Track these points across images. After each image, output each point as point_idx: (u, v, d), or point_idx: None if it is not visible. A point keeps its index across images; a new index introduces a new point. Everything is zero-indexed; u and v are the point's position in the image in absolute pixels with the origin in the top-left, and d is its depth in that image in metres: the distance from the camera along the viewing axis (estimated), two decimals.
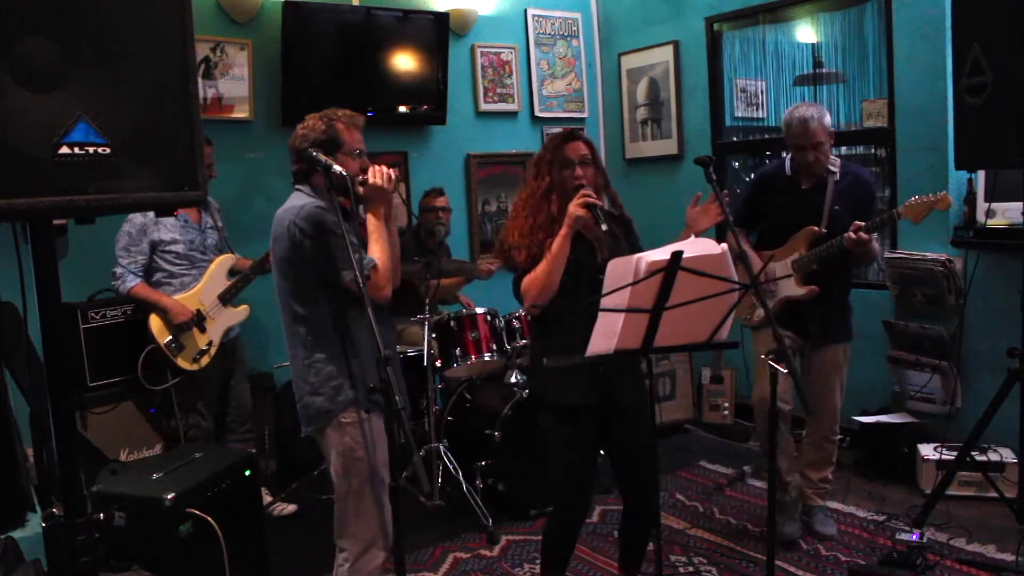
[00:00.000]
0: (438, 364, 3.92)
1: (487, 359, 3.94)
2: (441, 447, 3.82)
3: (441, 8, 4.97)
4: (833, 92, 4.67)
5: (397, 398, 2.11)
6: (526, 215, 2.57)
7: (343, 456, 2.42)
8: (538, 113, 5.51)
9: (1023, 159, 2.85)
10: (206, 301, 3.65)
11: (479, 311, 3.99)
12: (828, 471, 3.49)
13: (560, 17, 5.61)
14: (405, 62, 4.82)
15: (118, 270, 3.55)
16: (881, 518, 3.52)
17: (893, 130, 4.15)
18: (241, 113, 4.40)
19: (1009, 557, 3.09)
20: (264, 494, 3.80)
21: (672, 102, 5.33)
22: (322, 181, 2.41)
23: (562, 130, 2.73)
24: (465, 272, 4.33)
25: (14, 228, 1.67)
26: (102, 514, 1.56)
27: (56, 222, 1.50)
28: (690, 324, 2.14)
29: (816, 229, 3.23)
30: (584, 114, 5.73)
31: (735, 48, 5.10)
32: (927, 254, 3.93)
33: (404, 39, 4.78)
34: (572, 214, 2.40)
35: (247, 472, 2.92)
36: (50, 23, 1.33)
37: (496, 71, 5.34)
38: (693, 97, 5.23)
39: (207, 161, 3.69)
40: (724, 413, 4.91)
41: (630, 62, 5.60)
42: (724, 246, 2.13)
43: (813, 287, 3.25)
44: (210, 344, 3.64)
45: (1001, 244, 3.67)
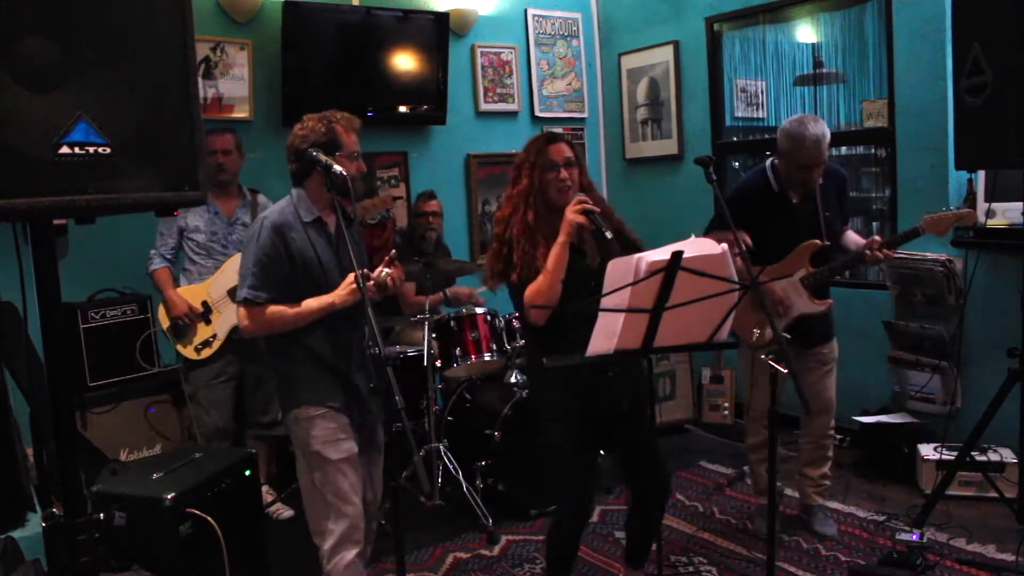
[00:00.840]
0: (438, 364, 3.92)
1: (487, 359, 3.94)
2: (441, 447, 3.82)
3: (441, 8, 4.97)
4: (833, 92, 4.67)
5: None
6: (508, 225, 2.55)
7: (301, 450, 2.50)
8: (538, 113, 5.51)
9: (1023, 159, 2.86)
10: (215, 294, 3.69)
11: (479, 311, 3.99)
12: (826, 467, 3.50)
13: (560, 17, 5.61)
14: (405, 62, 4.82)
15: (152, 251, 3.73)
16: (881, 518, 3.52)
17: (893, 130, 4.15)
18: (241, 113, 4.39)
19: (1009, 557, 3.09)
20: (266, 492, 3.80)
21: (672, 102, 5.33)
22: (320, 181, 2.44)
23: (543, 132, 2.70)
24: (460, 297, 4.36)
25: (14, 228, 1.67)
26: (102, 514, 1.56)
27: (56, 222, 1.50)
28: (690, 324, 2.14)
29: (818, 243, 3.20)
30: (584, 114, 5.73)
31: (735, 48, 5.09)
32: (927, 254, 3.93)
33: (404, 39, 4.78)
34: (570, 221, 2.39)
35: (247, 472, 2.92)
36: (50, 23, 1.33)
37: (496, 71, 5.34)
38: (693, 97, 5.23)
39: (213, 148, 3.72)
40: (724, 413, 4.90)
41: (630, 62, 5.60)
42: (724, 246, 2.13)
43: (829, 301, 3.28)
44: (214, 336, 3.67)
45: (1001, 244, 3.67)
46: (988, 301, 3.73)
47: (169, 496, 2.52)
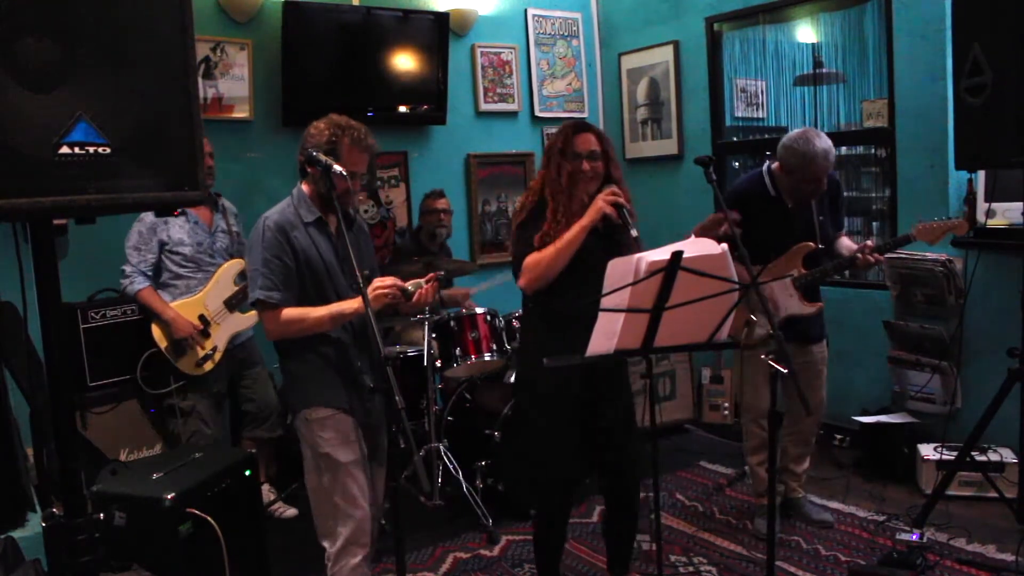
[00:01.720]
0: (438, 364, 3.92)
1: (487, 359, 3.94)
2: (441, 447, 3.82)
3: (441, 8, 4.97)
4: (833, 92, 4.67)
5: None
6: (532, 205, 2.59)
7: (310, 451, 2.49)
8: (538, 113, 5.51)
9: (1023, 159, 2.86)
10: (211, 306, 3.63)
11: (479, 311, 3.99)
12: (807, 462, 3.61)
13: (560, 17, 5.61)
14: (405, 62, 4.82)
15: (127, 268, 3.52)
16: (881, 518, 3.52)
17: (893, 130, 4.15)
18: (241, 113, 4.39)
19: (1009, 557, 3.09)
20: (267, 491, 3.80)
21: (672, 102, 5.33)
22: (317, 179, 2.43)
23: (574, 121, 2.69)
24: (455, 298, 4.37)
25: (14, 228, 1.67)
26: (102, 514, 1.56)
27: (56, 222, 1.50)
28: (690, 324, 2.14)
29: (812, 245, 3.25)
30: (584, 114, 5.73)
31: (735, 48, 5.09)
32: (927, 254, 3.93)
33: (404, 39, 4.78)
34: (598, 207, 2.39)
35: (247, 472, 2.92)
36: (50, 23, 1.33)
37: (496, 71, 5.34)
38: (693, 97, 5.23)
39: (211, 149, 3.66)
40: (724, 413, 4.91)
41: (630, 62, 5.60)
42: (724, 246, 2.13)
43: (819, 303, 3.33)
44: (214, 350, 3.62)
45: (1001, 244, 3.67)
46: (988, 301, 3.73)
47: (169, 496, 2.53)
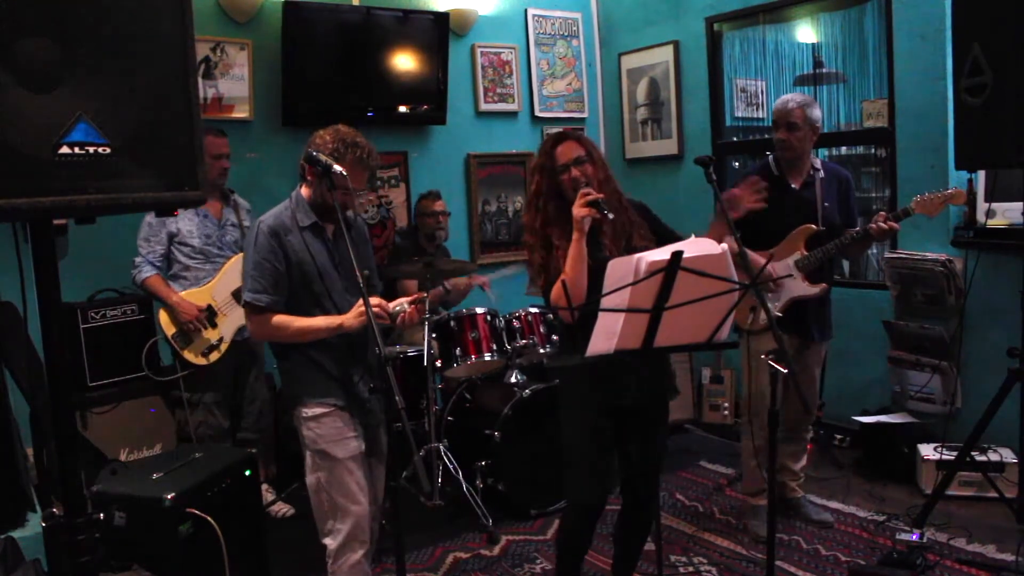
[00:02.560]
0: (438, 364, 3.92)
1: (487, 359, 3.94)
2: (441, 447, 3.82)
3: (441, 8, 4.97)
4: (833, 92, 4.67)
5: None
6: (531, 231, 2.58)
7: (309, 450, 2.50)
8: (538, 113, 5.51)
9: (1023, 159, 2.86)
10: (219, 297, 3.68)
11: (479, 311, 3.99)
12: (804, 459, 3.63)
13: (560, 17, 5.61)
14: (405, 62, 4.81)
15: (137, 259, 3.64)
16: (881, 518, 3.52)
17: (893, 130, 4.15)
18: (241, 113, 4.39)
19: (1009, 557, 3.09)
20: (266, 491, 3.80)
21: (672, 102, 5.33)
22: (317, 180, 2.43)
23: (553, 133, 2.69)
24: (459, 287, 4.37)
25: (14, 228, 1.67)
26: (102, 514, 1.55)
27: (56, 222, 1.50)
28: (690, 324, 2.14)
29: (814, 227, 3.28)
30: (584, 114, 5.73)
31: (735, 48, 5.09)
32: (927, 254, 3.93)
33: (404, 39, 4.78)
34: (578, 217, 2.40)
35: (247, 472, 2.92)
36: (50, 23, 1.32)
37: (496, 71, 5.34)
38: (693, 97, 5.23)
39: (222, 152, 3.72)
40: (724, 413, 4.90)
41: (630, 62, 5.60)
42: (724, 246, 2.13)
43: (824, 285, 3.31)
44: (220, 340, 3.67)
45: (1001, 244, 3.67)
46: (988, 301, 3.73)
47: (169, 496, 2.53)
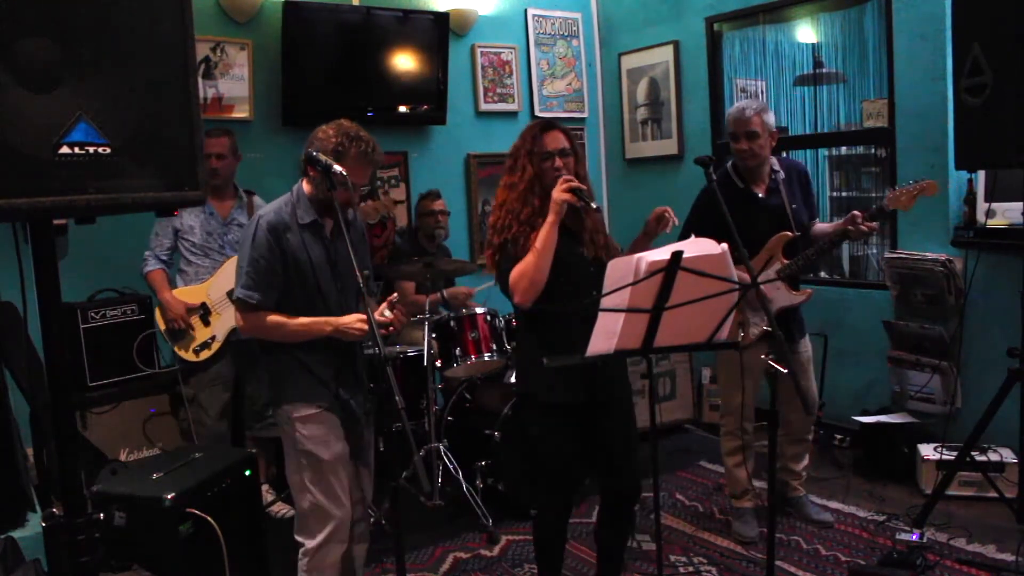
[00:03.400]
0: (438, 364, 3.92)
1: (487, 359, 3.94)
2: (441, 447, 3.82)
3: (441, 8, 4.97)
4: (833, 92, 4.67)
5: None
6: (507, 212, 2.54)
7: (294, 450, 2.49)
8: (538, 113, 5.50)
9: (1023, 159, 2.86)
10: (214, 296, 3.68)
11: (479, 311, 3.99)
12: (807, 459, 3.61)
13: (560, 17, 5.61)
14: (405, 62, 4.81)
15: (147, 252, 3.72)
16: (881, 518, 3.52)
17: (893, 130, 4.15)
18: (241, 113, 4.39)
19: (1009, 557, 3.09)
20: (266, 491, 3.80)
21: (672, 102, 5.33)
22: (317, 179, 2.42)
23: (539, 120, 2.69)
24: (457, 297, 4.35)
25: (14, 228, 1.67)
26: (102, 514, 1.56)
27: (56, 222, 1.50)
28: (690, 324, 2.14)
29: (789, 235, 3.27)
30: (584, 114, 5.74)
31: (735, 48, 5.09)
32: (927, 254, 3.93)
33: (404, 39, 4.78)
34: (557, 200, 2.39)
35: (247, 472, 2.92)
36: (50, 23, 1.33)
37: (496, 71, 5.34)
38: (693, 97, 5.23)
39: (211, 151, 3.69)
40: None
41: (630, 62, 5.60)
42: (724, 246, 2.13)
43: (808, 291, 3.34)
44: (213, 338, 3.66)
45: (1001, 244, 3.67)
46: (988, 301, 3.73)
47: (169, 496, 2.53)
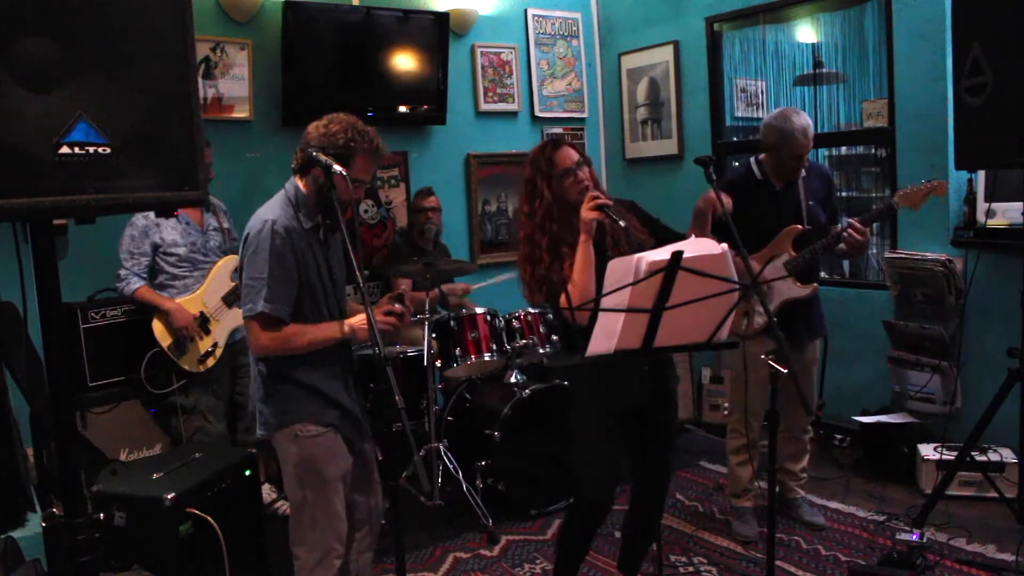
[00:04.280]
0: (438, 364, 3.92)
1: (487, 359, 3.94)
2: (441, 447, 3.82)
3: (441, 8, 4.97)
4: (833, 92, 4.67)
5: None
6: (534, 246, 2.53)
7: (297, 467, 2.42)
8: (538, 113, 5.50)
9: (1023, 159, 2.85)
10: (209, 303, 3.65)
11: (479, 311, 3.99)
12: (805, 460, 3.61)
13: (560, 17, 5.61)
14: (405, 62, 4.81)
15: (122, 272, 3.56)
16: (881, 518, 3.52)
17: (893, 130, 4.15)
18: (241, 113, 4.39)
19: (1009, 557, 3.09)
20: (267, 491, 3.80)
21: (672, 102, 5.33)
22: (317, 180, 2.37)
23: (544, 142, 2.68)
24: (455, 294, 4.36)
25: (14, 228, 1.67)
26: (102, 514, 1.56)
27: (56, 222, 1.50)
28: (690, 324, 2.14)
29: (799, 228, 3.28)
30: (584, 114, 5.73)
31: (735, 48, 5.09)
32: (927, 254, 3.93)
33: (404, 39, 4.78)
34: (586, 219, 2.40)
35: (247, 472, 2.92)
36: (50, 23, 1.33)
37: (496, 71, 5.34)
38: (693, 97, 5.23)
39: (211, 160, 3.69)
40: (724, 413, 4.89)
41: (630, 62, 5.60)
42: (724, 246, 2.13)
43: (815, 285, 3.32)
44: (215, 346, 3.64)
45: (1001, 244, 3.67)
46: (988, 301, 3.73)
47: (169, 496, 2.53)
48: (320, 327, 2.38)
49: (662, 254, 2.00)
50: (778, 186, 3.33)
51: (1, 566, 2.32)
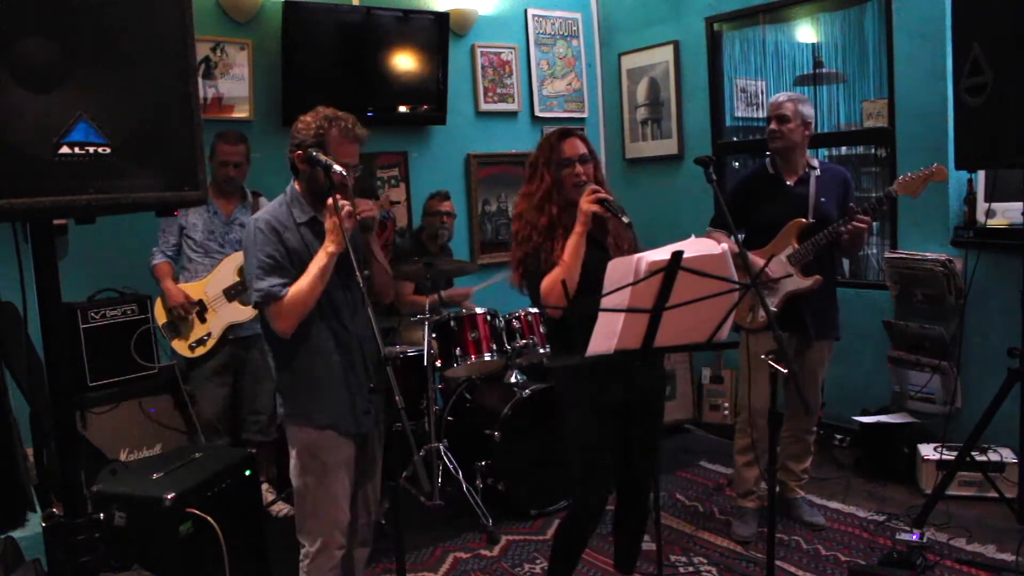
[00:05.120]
0: (438, 364, 3.92)
1: (487, 359, 3.94)
2: (441, 447, 3.82)
3: (441, 8, 4.97)
4: (833, 92, 4.66)
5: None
6: (526, 223, 2.54)
7: (300, 454, 2.47)
8: (538, 113, 5.51)
9: (1023, 159, 2.85)
10: (210, 293, 3.70)
11: (479, 311, 3.99)
12: (808, 461, 3.60)
13: (560, 17, 5.61)
14: (405, 62, 4.81)
15: (155, 248, 3.77)
16: (881, 518, 3.52)
17: (893, 130, 4.15)
18: (241, 113, 4.39)
19: (1009, 557, 3.09)
20: (266, 491, 3.80)
21: (672, 102, 5.33)
22: (320, 177, 2.37)
23: (556, 128, 2.68)
24: (456, 297, 4.36)
25: (14, 228, 1.67)
26: (102, 514, 1.56)
27: (56, 222, 1.50)
28: (690, 324, 2.14)
29: (804, 220, 3.28)
30: (584, 114, 5.73)
31: (735, 48, 5.09)
32: (927, 254, 3.93)
33: (404, 39, 4.78)
34: (585, 211, 2.39)
35: (247, 472, 2.92)
36: (50, 23, 1.33)
37: (496, 71, 5.34)
38: (693, 97, 5.23)
39: (229, 160, 3.75)
40: (724, 413, 4.90)
41: (630, 62, 5.60)
42: (724, 246, 2.13)
43: (818, 277, 3.28)
44: (208, 335, 3.68)
45: (1001, 244, 3.67)
46: (988, 301, 3.73)
47: (169, 496, 2.53)
48: (312, 267, 2.35)
49: (662, 254, 2.00)
50: (790, 181, 3.36)
51: (1, 566, 2.32)
